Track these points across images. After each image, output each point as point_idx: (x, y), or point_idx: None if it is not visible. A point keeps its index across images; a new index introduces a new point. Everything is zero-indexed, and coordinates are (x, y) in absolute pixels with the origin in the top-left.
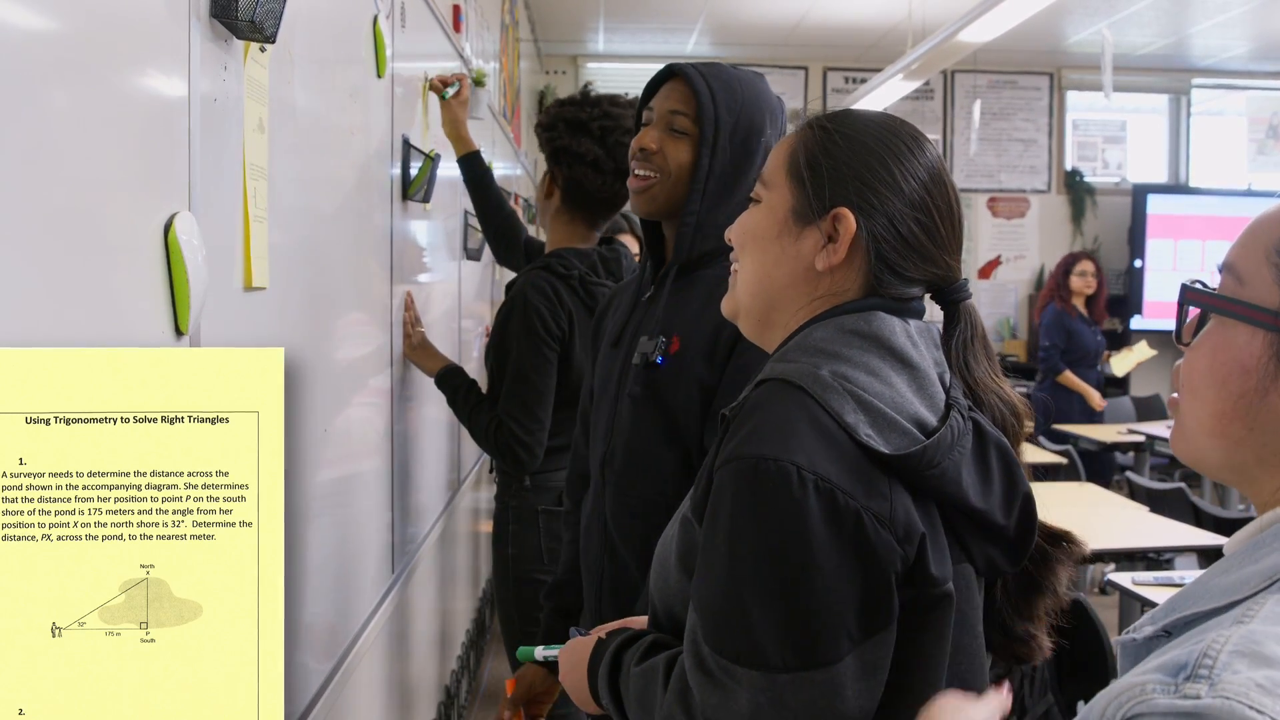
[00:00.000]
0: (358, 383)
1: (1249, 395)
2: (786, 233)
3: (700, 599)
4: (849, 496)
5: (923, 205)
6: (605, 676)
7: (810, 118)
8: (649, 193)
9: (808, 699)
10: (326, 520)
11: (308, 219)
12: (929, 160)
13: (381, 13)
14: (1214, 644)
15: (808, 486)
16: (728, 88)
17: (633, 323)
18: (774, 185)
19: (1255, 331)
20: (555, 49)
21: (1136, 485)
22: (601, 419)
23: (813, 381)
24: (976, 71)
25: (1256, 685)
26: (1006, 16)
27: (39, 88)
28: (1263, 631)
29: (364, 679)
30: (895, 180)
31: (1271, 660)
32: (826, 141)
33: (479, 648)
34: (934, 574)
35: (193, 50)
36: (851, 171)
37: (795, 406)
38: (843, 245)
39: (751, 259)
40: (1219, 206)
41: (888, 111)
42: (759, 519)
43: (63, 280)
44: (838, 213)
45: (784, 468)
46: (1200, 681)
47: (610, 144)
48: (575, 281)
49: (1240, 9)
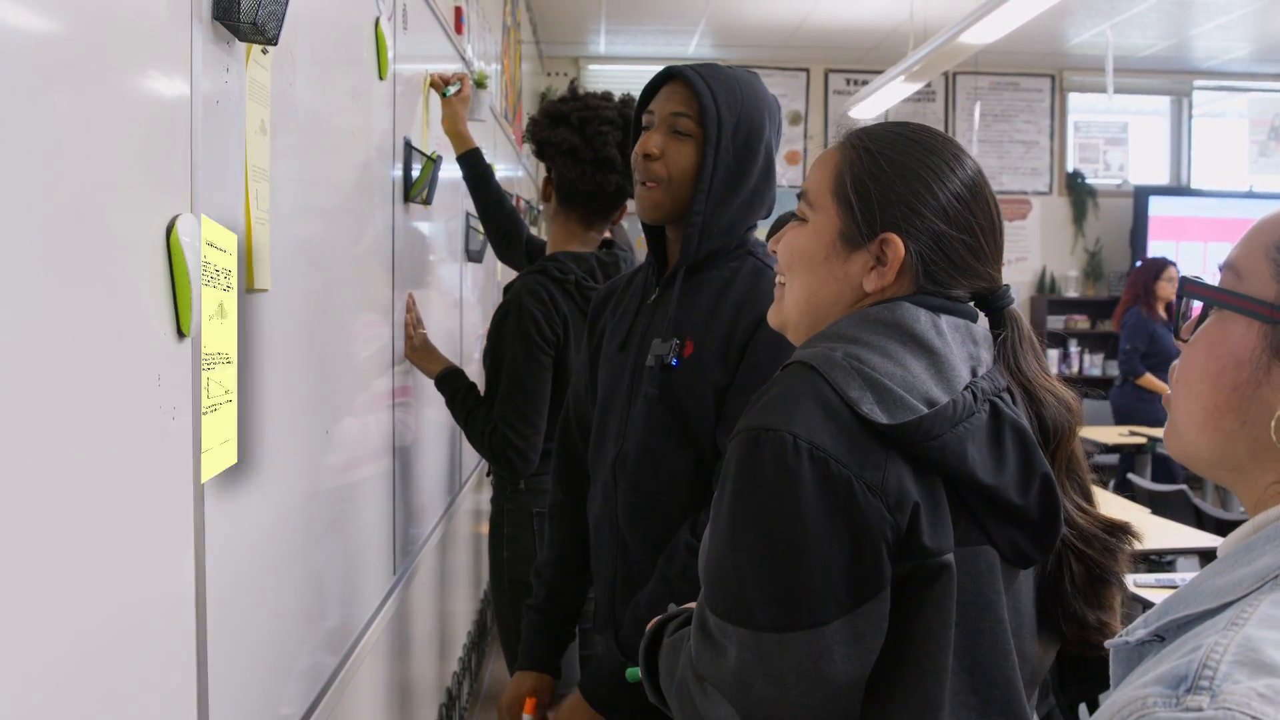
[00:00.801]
0: (360, 384)
1: (1242, 387)
2: (835, 255)
3: (704, 564)
4: (842, 465)
5: (966, 225)
6: (645, 648)
7: (851, 135)
8: (653, 200)
9: (793, 659)
10: (328, 522)
11: (310, 220)
12: (970, 176)
13: (383, 14)
14: (1213, 653)
15: (802, 454)
16: (728, 88)
17: (639, 325)
18: (820, 207)
19: (1251, 323)
20: (557, 51)
21: (1138, 487)
22: (611, 421)
23: (823, 361)
24: (978, 73)
25: (1258, 694)
26: (1008, 18)
27: (41, 90)
28: (1260, 636)
29: (366, 680)
30: (940, 203)
31: (1271, 667)
32: (872, 165)
33: (480, 649)
34: (927, 544)
35: (195, 52)
36: (898, 196)
37: (804, 383)
38: (891, 269)
39: (800, 279)
40: (1220, 208)
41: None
42: (755, 485)
43: (64, 282)
44: (885, 238)
45: (781, 437)
46: (1202, 693)
47: (589, 133)
48: (571, 286)
49: (1242, 11)
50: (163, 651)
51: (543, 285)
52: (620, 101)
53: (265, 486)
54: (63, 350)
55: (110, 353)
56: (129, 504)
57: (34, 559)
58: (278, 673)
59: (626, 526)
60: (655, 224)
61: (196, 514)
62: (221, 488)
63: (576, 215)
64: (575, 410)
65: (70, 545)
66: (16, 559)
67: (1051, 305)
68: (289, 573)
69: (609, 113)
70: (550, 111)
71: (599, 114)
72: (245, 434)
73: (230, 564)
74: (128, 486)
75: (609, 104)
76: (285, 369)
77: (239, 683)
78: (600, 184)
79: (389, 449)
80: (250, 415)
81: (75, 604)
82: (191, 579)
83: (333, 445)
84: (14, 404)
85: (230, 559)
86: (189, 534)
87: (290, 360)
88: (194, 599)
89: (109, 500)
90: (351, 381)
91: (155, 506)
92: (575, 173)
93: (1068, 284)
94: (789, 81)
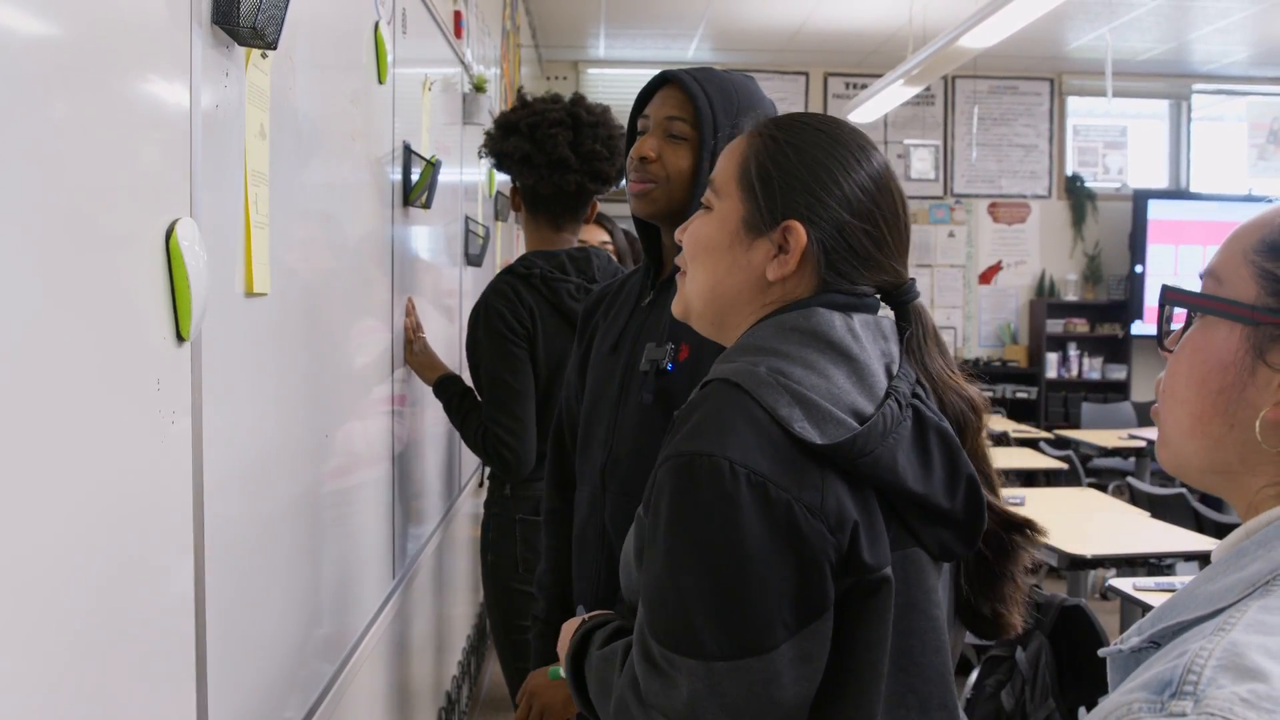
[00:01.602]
0: (359, 388)
1: (1227, 391)
2: (738, 243)
3: (644, 592)
4: (780, 488)
5: (870, 215)
6: (570, 656)
7: (759, 124)
8: (649, 196)
9: (745, 686)
10: (328, 526)
11: (309, 224)
12: (875, 169)
13: (383, 19)
14: (1198, 658)
15: (739, 480)
16: (723, 92)
17: (632, 328)
18: (725, 194)
19: (1233, 327)
20: (556, 55)
21: (1137, 490)
22: (600, 425)
23: (749, 378)
24: (977, 77)
25: (1241, 700)
26: (1007, 22)
27: (41, 94)
28: (1245, 641)
29: (365, 684)
30: (844, 192)
31: (1255, 672)
32: (776, 152)
33: (479, 653)
34: (867, 561)
35: (194, 56)
36: (801, 184)
37: (732, 404)
38: (793, 257)
39: (703, 267)
40: (1219, 212)
41: (833, 116)
42: (694, 513)
43: (65, 286)
44: (788, 225)
45: (717, 463)
46: (1186, 698)
47: (539, 138)
48: (536, 280)
49: (1240, 14)
50: (162, 654)
51: (507, 282)
52: (569, 101)
53: (265, 491)
54: (62, 354)
55: (110, 357)
56: (128, 508)
57: (33, 563)
58: (277, 676)
59: (615, 531)
60: (648, 218)
61: (196, 518)
62: (221, 492)
63: (545, 219)
64: (568, 416)
65: (70, 549)
66: (16, 563)
67: (1051, 309)
68: (288, 577)
69: (556, 114)
70: (501, 123)
71: (545, 117)
72: (245, 438)
73: (229, 568)
74: (127, 490)
75: (556, 106)
76: (284, 373)
77: (238, 686)
78: (559, 185)
79: (388, 453)
80: (250, 419)
81: (75, 606)
82: (191, 583)
83: (332, 449)
84: (14, 408)
85: (229, 563)
86: (189, 538)
87: (289, 364)
88: (193, 602)
89: (109, 504)
90: (350, 385)
91: (155, 511)
92: (533, 178)
93: (1067, 287)
94: (788, 85)
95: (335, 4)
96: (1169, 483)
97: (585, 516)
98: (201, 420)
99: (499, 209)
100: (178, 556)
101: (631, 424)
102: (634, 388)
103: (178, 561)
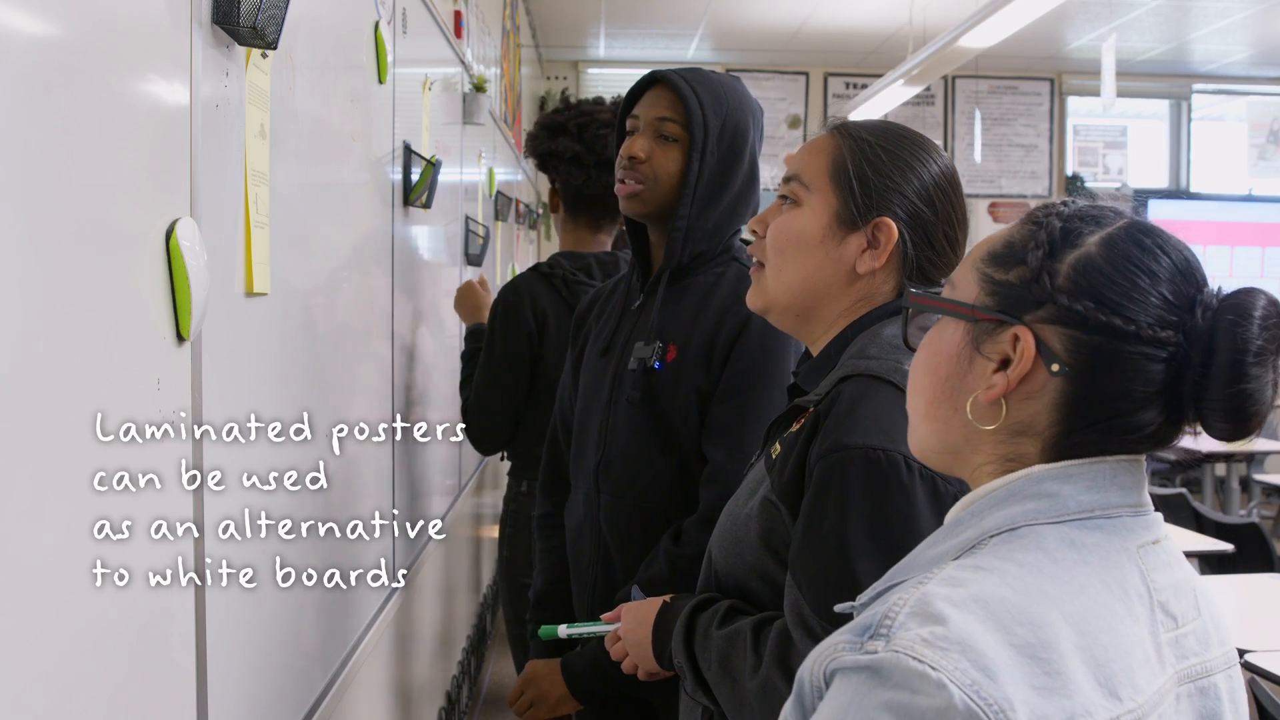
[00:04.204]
0: (359, 387)
1: (952, 379)
2: (830, 237)
3: (807, 573)
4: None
5: (948, 217)
6: (681, 636)
7: (843, 125)
8: (638, 196)
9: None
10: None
11: (309, 224)
12: (949, 172)
13: (383, 18)
14: (894, 607)
15: (914, 474)
16: (713, 93)
17: (623, 330)
18: (817, 189)
19: (959, 324)
20: (556, 55)
21: None
22: (591, 426)
23: (901, 377)
24: (977, 77)
25: (922, 640)
26: (1007, 22)
27: (40, 93)
28: (934, 593)
29: (365, 684)
30: (929, 194)
31: (938, 618)
32: (870, 154)
33: (480, 652)
34: None
35: (195, 56)
36: (894, 184)
37: (888, 400)
38: (884, 252)
39: (793, 261)
40: (1220, 212)
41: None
42: (873, 502)
43: (64, 286)
44: (881, 222)
45: (894, 457)
46: (879, 639)
47: (588, 138)
48: (558, 281)
49: (1241, 14)
50: (162, 655)
51: (525, 280)
52: (612, 104)
53: (265, 490)
54: (62, 354)
55: (110, 356)
56: (128, 509)
57: (32, 564)
58: (278, 676)
59: (610, 532)
60: (637, 218)
61: (196, 519)
62: (221, 493)
63: (585, 220)
64: (562, 420)
65: (69, 550)
66: (15, 563)
67: None
68: (288, 576)
69: (605, 115)
70: (547, 124)
71: (595, 118)
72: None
73: (230, 568)
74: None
75: (603, 108)
76: (284, 372)
77: (239, 686)
78: (608, 185)
79: (389, 451)
80: (249, 419)
81: (75, 604)
82: (191, 584)
83: (332, 448)
84: (13, 407)
85: (230, 563)
86: (189, 539)
87: (289, 364)
88: (193, 603)
89: (108, 505)
90: (351, 384)
91: (155, 512)
92: (581, 178)
93: None
94: (788, 85)
95: (335, 4)
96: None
97: (580, 516)
98: (201, 420)
99: (499, 209)
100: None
101: (622, 425)
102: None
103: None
